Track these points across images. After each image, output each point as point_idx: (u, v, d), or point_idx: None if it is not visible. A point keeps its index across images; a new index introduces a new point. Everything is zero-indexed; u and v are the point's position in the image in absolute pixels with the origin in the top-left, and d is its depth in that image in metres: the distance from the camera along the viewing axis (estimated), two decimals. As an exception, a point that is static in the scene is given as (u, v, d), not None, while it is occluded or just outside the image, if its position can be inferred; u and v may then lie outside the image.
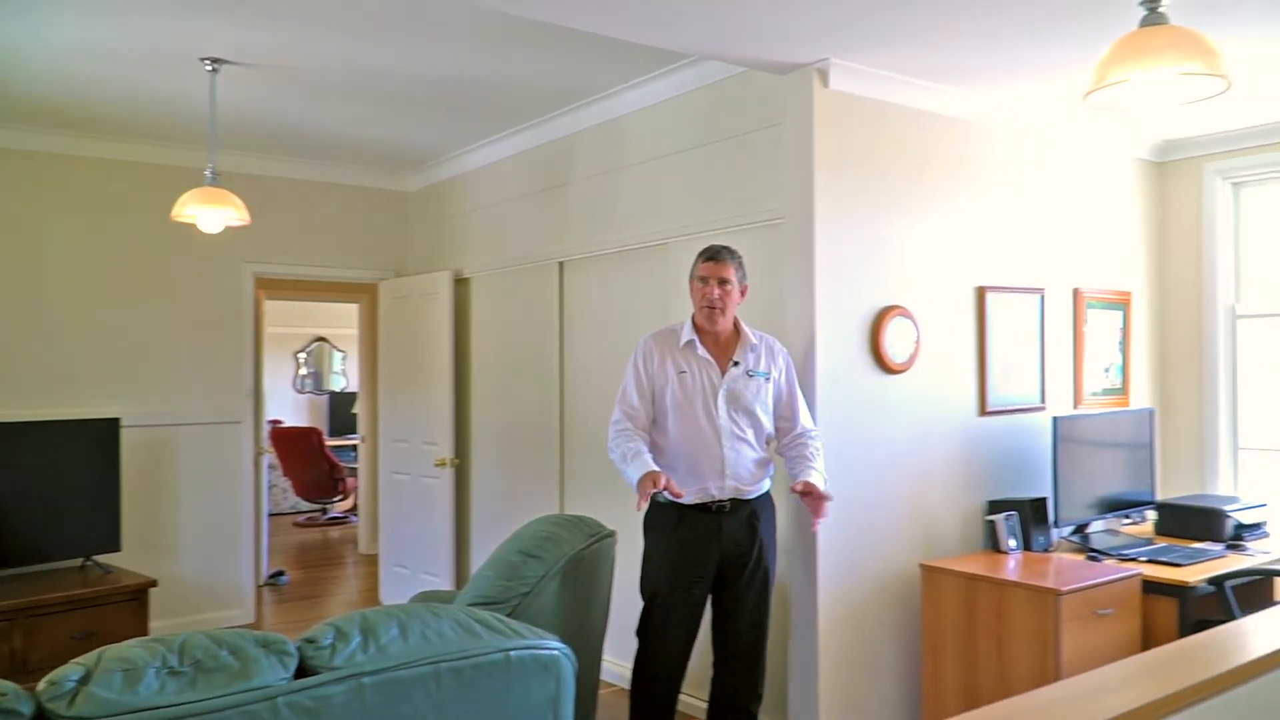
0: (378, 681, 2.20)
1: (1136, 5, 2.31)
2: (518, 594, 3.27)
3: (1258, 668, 1.58)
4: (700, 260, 3.42)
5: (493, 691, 2.40)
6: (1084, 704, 1.39)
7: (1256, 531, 4.34)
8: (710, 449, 3.33)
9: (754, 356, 3.43)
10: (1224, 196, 4.95)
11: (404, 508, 6.35)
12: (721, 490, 3.34)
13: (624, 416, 3.39)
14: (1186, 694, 1.44)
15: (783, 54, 3.50)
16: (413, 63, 4.21)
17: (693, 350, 3.40)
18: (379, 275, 6.62)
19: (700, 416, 3.34)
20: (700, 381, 3.37)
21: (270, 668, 2.09)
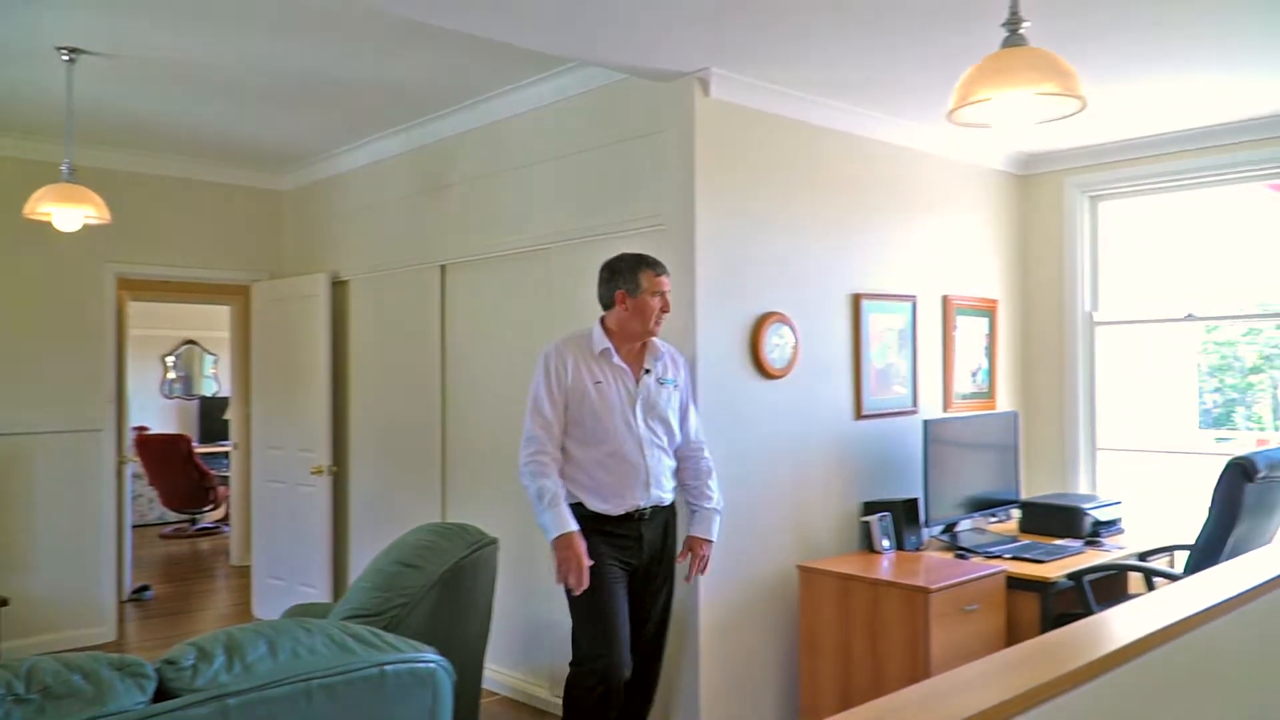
0: (244, 702, 2.11)
1: (999, 27, 2.40)
2: (396, 605, 3.21)
3: (1114, 660, 1.65)
4: (651, 273, 3.32)
5: (367, 707, 2.34)
6: (951, 700, 1.43)
7: (1112, 528, 4.58)
8: (633, 460, 3.28)
9: (662, 364, 3.41)
10: (1083, 209, 5.20)
11: (278, 517, 6.15)
12: (645, 500, 3.32)
13: (541, 435, 3.27)
14: (1046, 688, 1.50)
15: (664, 62, 3.53)
16: (287, 58, 4.09)
17: (608, 359, 3.33)
18: (252, 277, 6.40)
19: (621, 427, 3.29)
20: (618, 391, 3.31)
21: (126, 692, 1.99)
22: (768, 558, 3.94)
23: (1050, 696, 1.51)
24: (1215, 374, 9.38)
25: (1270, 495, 3.74)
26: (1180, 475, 5.60)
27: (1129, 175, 5.00)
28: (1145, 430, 6.00)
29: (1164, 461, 5.97)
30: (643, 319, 3.31)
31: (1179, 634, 1.80)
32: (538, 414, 3.28)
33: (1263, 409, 7.75)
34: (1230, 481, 3.62)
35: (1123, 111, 4.37)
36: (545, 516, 3.19)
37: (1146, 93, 4.09)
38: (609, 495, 3.28)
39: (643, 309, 3.30)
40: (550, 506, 3.19)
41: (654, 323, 3.33)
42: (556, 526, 3.17)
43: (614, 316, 3.35)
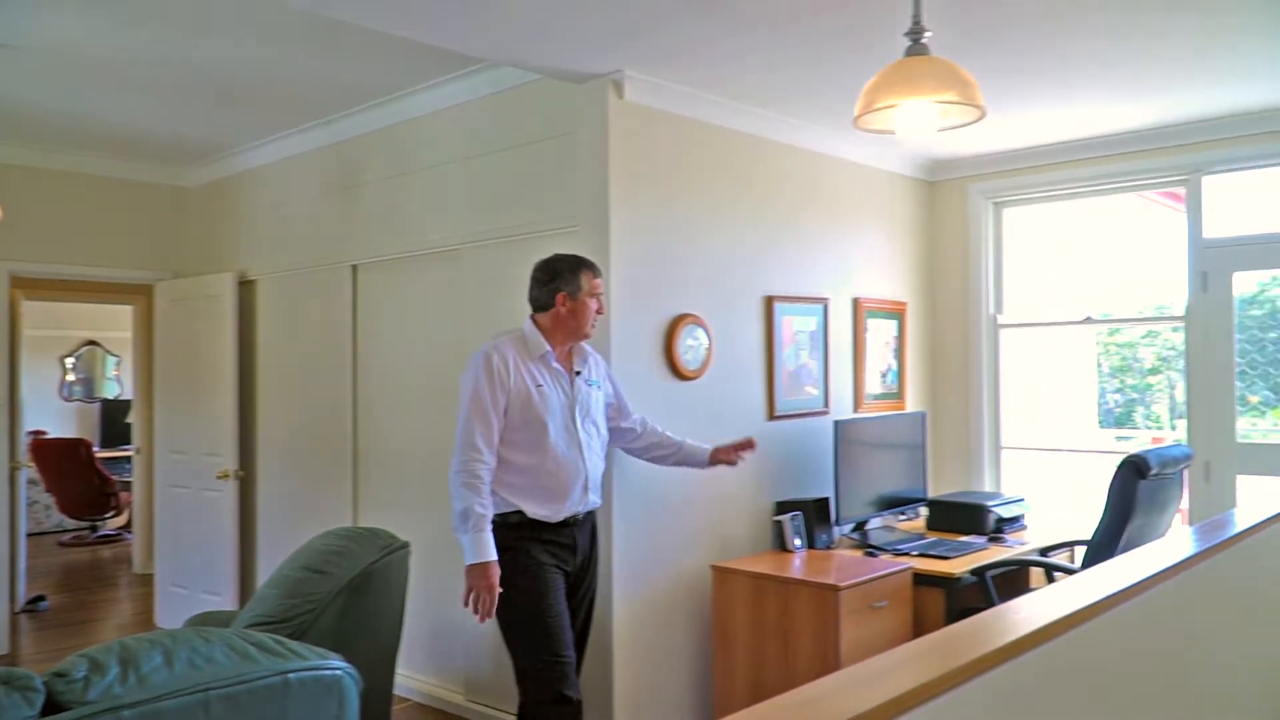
0: (138, 714, 2.05)
1: (902, 36, 2.45)
2: (303, 612, 3.15)
3: (1007, 652, 1.70)
4: (592, 276, 3.26)
5: (270, 717, 2.29)
6: (857, 692, 1.46)
7: (1015, 524, 4.72)
8: (575, 465, 3.22)
9: (588, 366, 3.36)
10: (987, 215, 5.35)
11: (183, 523, 5.98)
12: (584, 505, 3.27)
13: (481, 442, 3.09)
14: (946, 679, 1.54)
15: (577, 63, 3.52)
16: (192, 51, 3.97)
17: (547, 362, 3.23)
18: (155, 276, 6.21)
19: (563, 432, 3.20)
20: (557, 394, 3.22)
21: (12, 707, 1.91)
22: (682, 558, 3.96)
23: (952, 686, 1.55)
24: (1116, 374, 9.75)
25: (1162, 492, 3.90)
26: (1081, 472, 5.81)
27: (1030, 182, 5.17)
28: (1049, 429, 6.20)
29: (1066, 459, 6.19)
30: (580, 321, 3.24)
31: (1070, 627, 1.86)
32: (479, 418, 3.10)
33: (1161, 409, 8.08)
34: (1124, 479, 3.75)
35: (1023, 120, 4.51)
36: (467, 539, 3.05)
37: (1045, 102, 4.23)
38: (549, 501, 3.18)
39: (581, 311, 3.23)
40: (475, 530, 3.04)
41: (590, 325, 3.28)
42: (477, 553, 3.04)
43: (549, 318, 3.25)
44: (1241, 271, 4.62)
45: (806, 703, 1.43)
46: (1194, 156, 4.64)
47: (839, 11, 3.09)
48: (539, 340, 3.23)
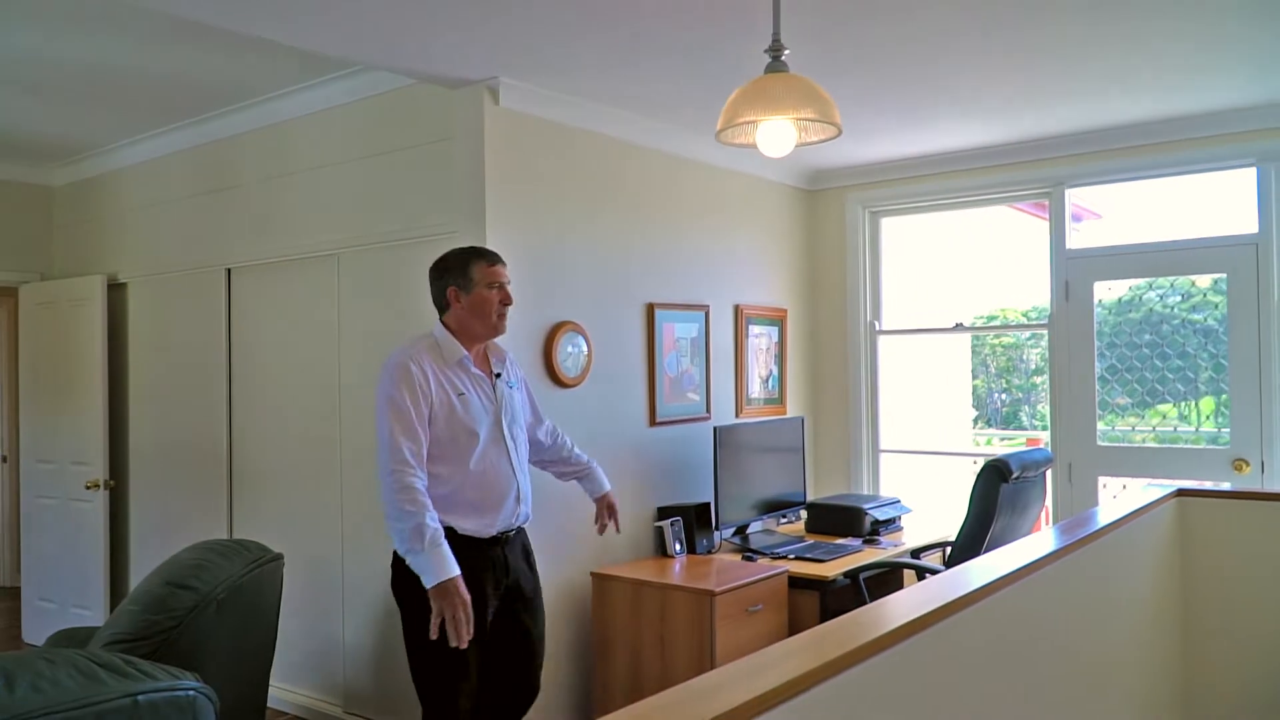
0: (-28, 743, 1.97)
1: (762, 53, 2.51)
2: (164, 629, 3.06)
3: (871, 648, 1.75)
4: (485, 264, 3.03)
5: (117, 741, 2.22)
6: (724, 691, 1.49)
7: (891, 526, 4.86)
8: (506, 476, 3.01)
9: (506, 367, 3.15)
10: (864, 224, 5.50)
11: (50, 535, 5.73)
12: (517, 518, 3.07)
13: (412, 459, 2.83)
14: (808, 677, 1.57)
15: (452, 69, 3.51)
16: (54, 47, 3.81)
17: (466, 367, 3.00)
18: (19, 278, 5.94)
19: (490, 442, 2.98)
20: (480, 401, 3.00)
21: None
22: (563, 565, 3.97)
23: (815, 683, 1.59)
24: (1003, 375, 10.10)
25: (1024, 494, 4.06)
26: (958, 475, 6.02)
27: (904, 193, 5.33)
28: (929, 433, 6.40)
29: (943, 462, 6.40)
30: (482, 316, 3.01)
31: (928, 625, 1.93)
32: (404, 432, 2.83)
33: (1045, 408, 8.43)
34: (986, 482, 3.91)
35: (896, 133, 4.66)
36: (424, 559, 2.76)
37: (914, 118, 4.38)
38: (480, 515, 2.96)
39: (480, 305, 3.00)
40: (432, 547, 2.76)
41: (495, 317, 3.03)
42: (440, 571, 2.75)
43: (453, 318, 3.04)
44: (1101, 281, 4.85)
45: (674, 704, 1.46)
46: (1056, 170, 4.86)
47: (707, 24, 3.15)
48: (453, 344, 3.00)
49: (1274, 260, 4.38)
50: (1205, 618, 3.57)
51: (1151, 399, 4.83)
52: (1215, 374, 4.62)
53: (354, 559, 4.31)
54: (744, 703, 1.38)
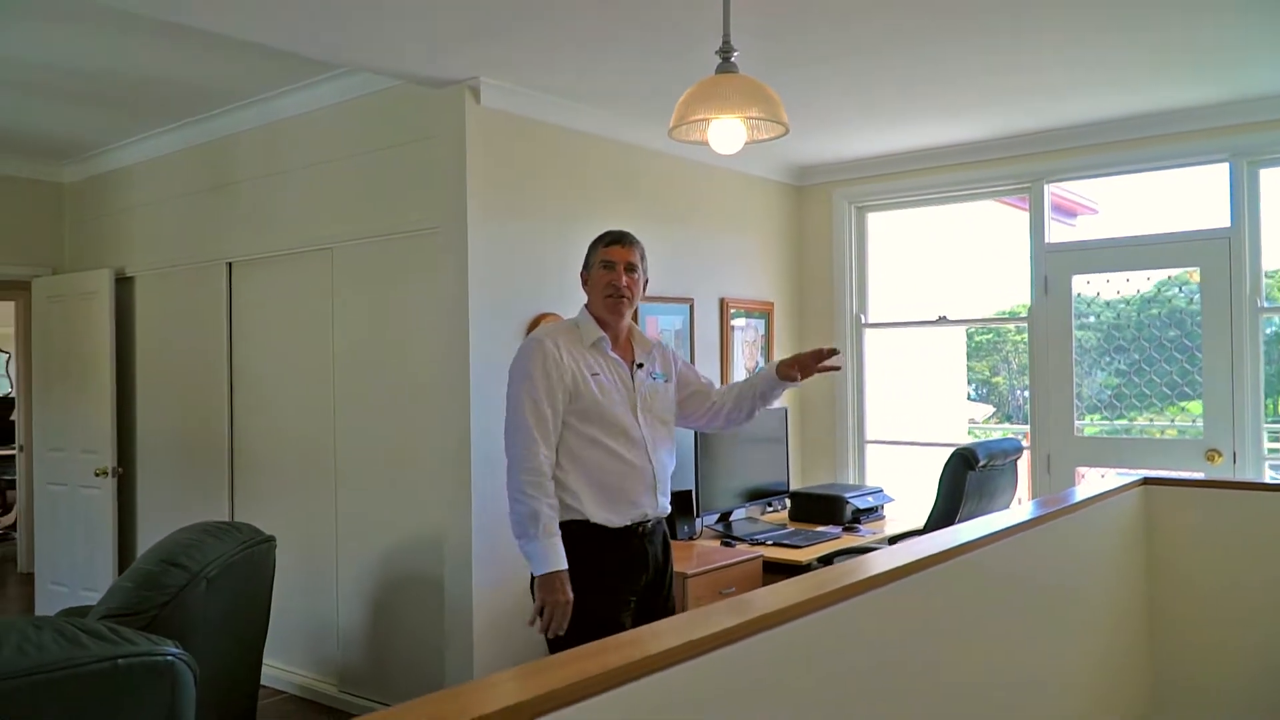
0: (-38, 699, 2.12)
1: (713, 54, 2.63)
2: (156, 604, 3.20)
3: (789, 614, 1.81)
4: (602, 245, 2.96)
5: (100, 702, 2.37)
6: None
7: (873, 515, 4.96)
8: (640, 462, 2.88)
9: (652, 358, 3.04)
10: (850, 219, 5.60)
11: (61, 521, 5.93)
12: (655, 509, 2.94)
13: (540, 441, 2.76)
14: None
15: (433, 70, 3.64)
16: (50, 48, 3.98)
17: (602, 350, 2.91)
18: (33, 272, 6.13)
19: (622, 425, 2.87)
20: (615, 385, 2.90)
21: None
22: (543, 548, 4.09)
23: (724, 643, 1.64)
24: (1024, 372, 10.13)
25: (992, 482, 4.17)
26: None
27: (889, 188, 5.43)
28: (921, 424, 6.50)
29: (932, 453, 6.48)
30: (596, 297, 2.94)
31: (840, 599, 2.02)
32: (534, 411, 2.77)
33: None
34: (954, 469, 4.01)
35: (879, 129, 4.76)
36: (535, 545, 2.72)
37: (894, 115, 4.48)
38: (612, 504, 2.85)
39: (594, 285, 2.94)
40: (545, 536, 2.71)
41: (604, 299, 2.92)
42: (547, 562, 2.70)
43: (589, 301, 2.99)
44: (1079, 274, 4.93)
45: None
46: (1035, 166, 4.94)
47: (681, 22, 3.27)
48: (591, 326, 2.92)
49: (1245, 253, 4.45)
50: (1170, 607, 3.63)
51: (1171, 393, 4.84)
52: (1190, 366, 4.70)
53: (348, 544, 4.47)
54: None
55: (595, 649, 1.46)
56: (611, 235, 2.98)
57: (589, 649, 1.45)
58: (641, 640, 1.52)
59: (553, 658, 1.50)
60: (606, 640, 1.57)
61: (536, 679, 1.28)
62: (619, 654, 1.41)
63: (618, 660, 1.37)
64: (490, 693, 1.23)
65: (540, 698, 1.22)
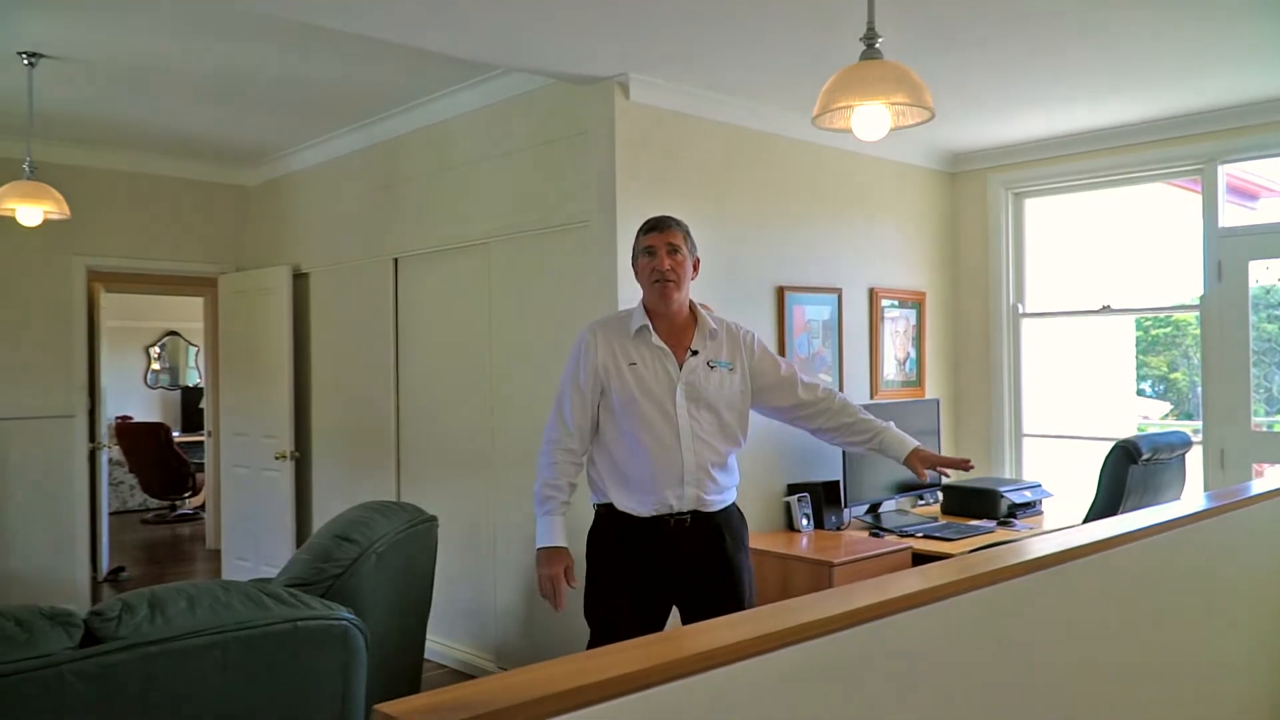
0: (164, 650, 2.35)
1: (857, 41, 2.64)
2: (330, 575, 3.44)
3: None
4: (642, 234, 2.97)
5: (281, 660, 2.58)
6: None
7: (1030, 510, 4.82)
8: (668, 452, 2.86)
9: (715, 345, 2.99)
10: (1007, 205, 5.44)
11: (245, 501, 6.40)
12: (681, 500, 2.88)
13: (558, 425, 2.93)
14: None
15: (584, 68, 3.76)
16: (241, 60, 4.30)
17: (645, 338, 2.93)
18: (219, 269, 6.63)
19: (655, 415, 2.87)
20: (655, 374, 2.90)
21: (56, 637, 2.23)
22: (690, 534, 4.17)
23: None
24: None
25: (1157, 476, 3.99)
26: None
27: (1049, 173, 5.25)
28: (1085, 417, 6.25)
29: (1095, 448, 6.22)
30: (644, 283, 2.96)
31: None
32: (563, 396, 2.96)
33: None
34: (1115, 463, 3.86)
35: (1040, 112, 4.62)
36: (538, 521, 2.92)
37: (1058, 96, 4.34)
38: (637, 492, 2.89)
39: (641, 274, 2.96)
40: (544, 514, 2.88)
41: (651, 287, 2.93)
42: (544, 537, 2.89)
43: (643, 294, 3.02)
44: (1257, 260, 4.65)
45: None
46: (1209, 146, 4.69)
47: (807, 12, 3.28)
48: (639, 314, 2.96)
49: None
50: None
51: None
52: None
53: (505, 527, 4.65)
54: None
55: (738, 620, 1.54)
56: (650, 222, 2.99)
57: (723, 622, 1.53)
58: (793, 609, 1.58)
59: (683, 628, 1.58)
60: (746, 613, 1.65)
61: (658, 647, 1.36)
62: (754, 625, 1.47)
63: (748, 633, 1.43)
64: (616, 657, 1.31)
65: (661, 666, 1.30)
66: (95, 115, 5.21)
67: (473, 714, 1.25)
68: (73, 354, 5.96)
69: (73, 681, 2.22)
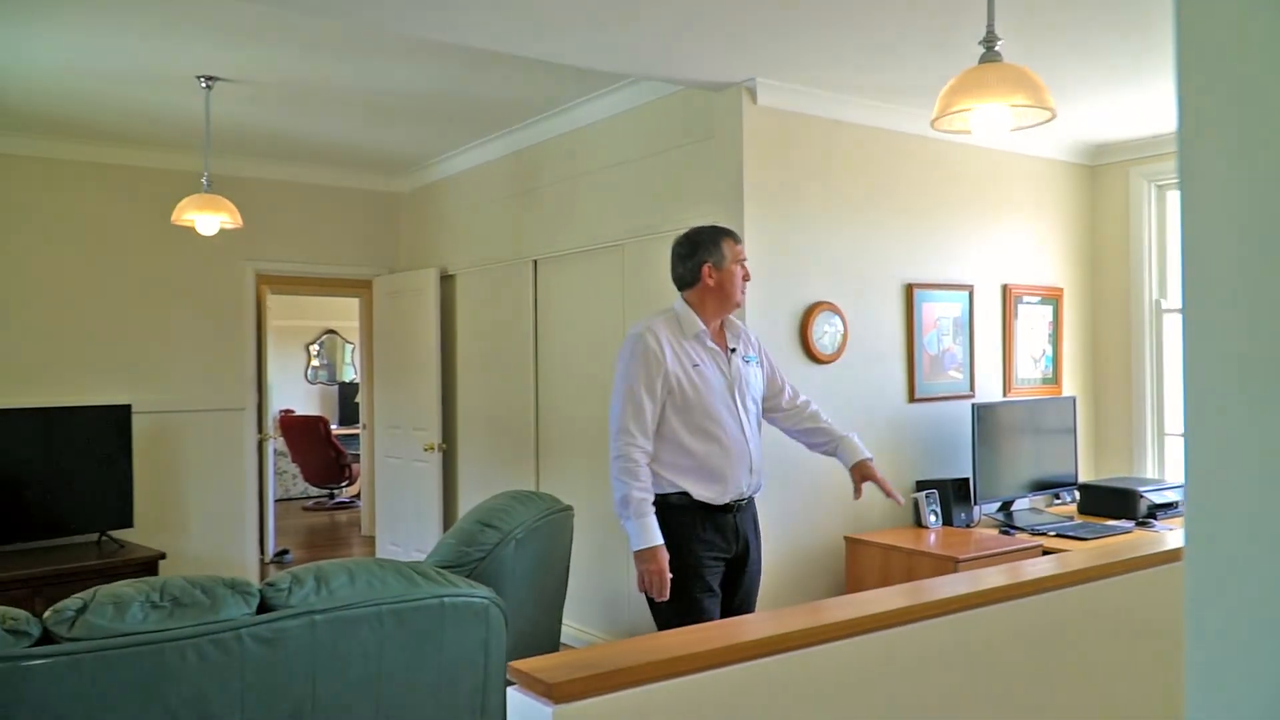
0: (328, 619, 2.62)
1: (976, 44, 2.68)
2: (474, 558, 3.68)
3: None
4: (733, 242, 3.17)
5: (429, 631, 2.82)
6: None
7: (1171, 511, 4.70)
8: (738, 444, 3.11)
9: (743, 343, 3.25)
10: (1149, 198, 5.29)
11: (396, 490, 6.80)
12: (750, 486, 3.17)
13: (634, 427, 3.04)
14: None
15: (713, 74, 3.90)
16: (391, 77, 4.62)
17: (703, 340, 3.13)
18: (374, 272, 7.05)
19: (724, 411, 3.10)
20: (715, 373, 3.12)
21: (235, 605, 2.52)
22: (817, 530, 4.26)
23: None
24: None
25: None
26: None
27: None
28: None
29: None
30: (729, 291, 3.14)
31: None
32: (632, 402, 3.03)
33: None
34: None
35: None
36: (630, 525, 3.03)
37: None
38: (715, 482, 3.09)
39: (730, 280, 3.13)
40: (637, 516, 3.01)
41: (740, 293, 3.18)
42: (642, 539, 3.01)
43: (697, 294, 3.15)
44: None
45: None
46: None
47: (933, 11, 3.32)
48: (692, 318, 3.12)
49: None
50: None
51: None
52: None
53: (635, 516, 4.83)
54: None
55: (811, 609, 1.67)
56: (736, 234, 3.22)
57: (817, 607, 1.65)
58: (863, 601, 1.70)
59: (796, 608, 1.70)
60: (831, 601, 1.77)
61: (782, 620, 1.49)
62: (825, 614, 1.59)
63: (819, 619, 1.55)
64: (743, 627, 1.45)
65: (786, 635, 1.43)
66: (264, 130, 5.65)
67: (592, 672, 1.41)
68: (243, 352, 6.46)
69: (249, 643, 2.50)
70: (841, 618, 1.65)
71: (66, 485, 5.48)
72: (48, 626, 2.32)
